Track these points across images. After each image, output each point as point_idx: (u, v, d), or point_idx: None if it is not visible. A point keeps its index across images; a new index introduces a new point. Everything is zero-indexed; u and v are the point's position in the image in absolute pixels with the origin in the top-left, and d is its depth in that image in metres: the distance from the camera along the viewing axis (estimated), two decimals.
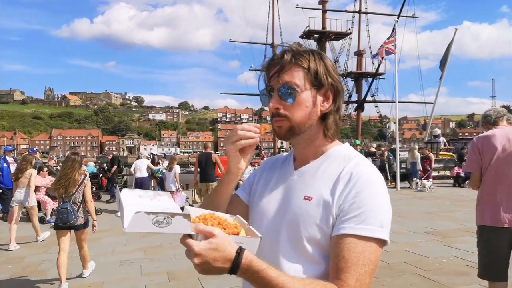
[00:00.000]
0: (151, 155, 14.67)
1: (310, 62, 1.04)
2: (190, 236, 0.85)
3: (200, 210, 1.01)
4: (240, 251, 0.85)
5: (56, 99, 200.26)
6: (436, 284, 4.40)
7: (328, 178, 1.04)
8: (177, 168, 10.43)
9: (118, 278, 5.06)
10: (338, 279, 0.92)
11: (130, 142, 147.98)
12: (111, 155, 15.11)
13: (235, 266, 0.84)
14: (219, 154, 13.92)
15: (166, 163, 12.78)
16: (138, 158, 11.45)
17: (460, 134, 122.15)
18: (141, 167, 10.54)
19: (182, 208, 0.98)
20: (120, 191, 1.00)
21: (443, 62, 17.68)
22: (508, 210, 2.93)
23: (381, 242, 0.96)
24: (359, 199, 0.96)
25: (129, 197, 0.99)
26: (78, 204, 4.75)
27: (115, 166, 12.99)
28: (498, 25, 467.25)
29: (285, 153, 1.28)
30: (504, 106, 3.30)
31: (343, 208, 0.97)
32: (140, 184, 10.26)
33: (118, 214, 1.07)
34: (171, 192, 9.45)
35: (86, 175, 5.24)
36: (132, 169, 10.91)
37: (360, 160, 1.06)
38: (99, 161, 20.42)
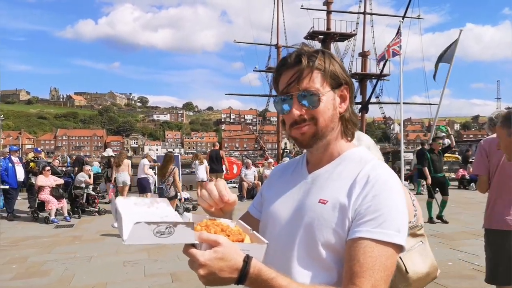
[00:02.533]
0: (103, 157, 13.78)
1: (326, 63, 1.02)
2: (193, 245, 0.81)
3: (200, 216, 0.97)
4: (247, 260, 0.81)
5: (61, 99, 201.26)
6: None
7: (343, 181, 1.01)
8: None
9: (121, 279, 5.04)
10: (352, 284, 0.88)
11: (134, 143, 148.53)
12: (74, 156, 14.05)
13: (243, 276, 0.81)
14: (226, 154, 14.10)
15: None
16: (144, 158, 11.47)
17: (465, 136, 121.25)
18: (139, 167, 10.57)
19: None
20: (115, 199, 0.94)
21: (441, 59, 17.39)
22: None
23: (398, 248, 0.92)
24: (376, 202, 0.94)
25: (125, 206, 0.92)
26: (170, 184, 8.43)
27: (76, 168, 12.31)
28: (500, 27, 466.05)
29: (294, 158, 1.25)
30: (508, 108, 3.25)
31: (359, 211, 0.94)
32: (139, 184, 10.14)
33: (115, 224, 0.99)
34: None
35: (174, 167, 8.56)
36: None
37: (377, 163, 1.03)
38: (104, 161, 20.36)
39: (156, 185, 10.42)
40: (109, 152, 13.98)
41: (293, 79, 1.01)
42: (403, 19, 16.24)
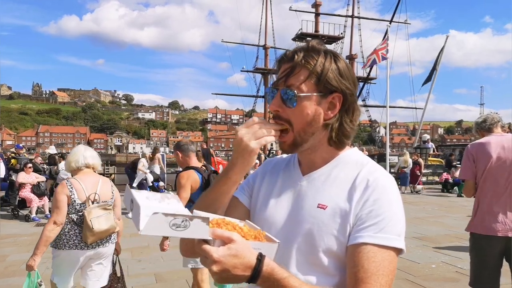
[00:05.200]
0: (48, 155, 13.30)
1: (320, 65, 0.98)
2: (205, 241, 0.80)
3: (209, 214, 0.93)
4: (261, 258, 0.81)
5: (44, 95, 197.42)
6: None
7: (342, 184, 0.99)
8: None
9: None
10: None
11: (118, 141, 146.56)
12: (49, 154, 13.56)
13: (256, 274, 0.80)
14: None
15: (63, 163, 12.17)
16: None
17: (448, 140, 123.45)
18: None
19: None
20: (131, 190, 0.92)
21: (434, 68, 17.82)
22: (501, 219, 2.92)
23: (398, 251, 0.93)
24: (377, 206, 0.93)
25: (139, 197, 0.91)
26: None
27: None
28: (482, 34, 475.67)
29: (285, 155, 1.19)
30: (486, 114, 3.28)
31: (360, 216, 0.93)
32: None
33: (129, 215, 0.97)
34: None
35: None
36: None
37: (374, 166, 1.02)
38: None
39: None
40: (52, 149, 13.88)
41: (284, 74, 1.00)
42: (390, 23, 16.46)
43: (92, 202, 3.02)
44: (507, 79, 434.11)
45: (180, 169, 3.75)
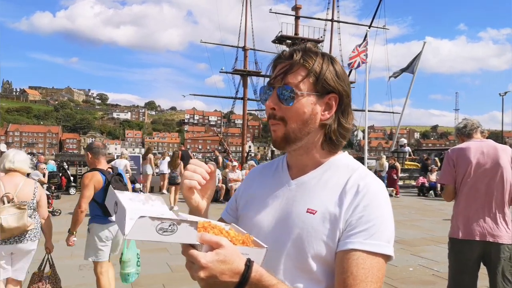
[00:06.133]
0: None
1: (318, 65, 0.98)
2: (192, 246, 0.77)
3: (195, 217, 0.90)
4: (249, 264, 0.79)
5: (14, 93, 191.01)
6: None
7: (332, 189, 0.98)
8: None
9: (77, 283, 4.81)
10: None
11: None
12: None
13: (244, 280, 0.78)
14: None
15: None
16: (117, 157, 11.12)
17: (424, 144, 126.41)
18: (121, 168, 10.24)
19: None
20: (114, 191, 0.90)
21: (406, 70, 18.02)
22: (479, 224, 2.96)
23: (387, 258, 0.92)
24: (367, 212, 0.92)
25: (123, 199, 0.87)
26: (179, 173, 10.42)
27: None
28: (457, 41, 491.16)
29: (273, 160, 1.20)
30: (465, 119, 3.34)
31: (350, 221, 0.92)
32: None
33: (113, 218, 0.90)
34: None
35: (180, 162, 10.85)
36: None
37: (364, 171, 1.02)
38: (58, 160, 19.43)
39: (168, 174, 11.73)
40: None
41: (281, 72, 0.99)
42: (369, 27, 16.73)
43: (9, 202, 3.29)
44: (480, 85, 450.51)
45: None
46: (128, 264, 3.78)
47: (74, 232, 3.79)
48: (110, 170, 3.86)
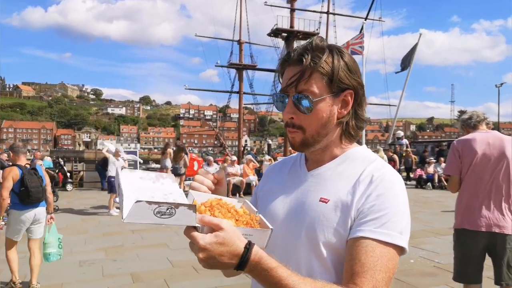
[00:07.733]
0: None
1: (330, 65, 0.96)
2: (195, 227, 0.79)
3: (206, 195, 0.94)
4: (249, 246, 0.80)
5: (7, 89, 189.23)
6: (405, 285, 4.43)
7: (346, 180, 0.98)
8: None
9: (78, 279, 4.76)
10: (353, 283, 0.86)
11: (87, 137, 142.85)
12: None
13: (243, 262, 0.80)
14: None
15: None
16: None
17: (420, 137, 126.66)
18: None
19: None
20: (120, 172, 0.91)
21: (404, 63, 18.04)
22: (485, 215, 2.96)
23: (400, 250, 0.91)
24: (380, 201, 0.92)
25: (129, 180, 0.90)
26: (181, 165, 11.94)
27: None
28: (450, 33, 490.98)
29: (291, 156, 1.20)
30: (461, 111, 3.34)
31: (362, 210, 0.92)
32: (109, 183, 9.69)
33: (117, 199, 0.91)
34: None
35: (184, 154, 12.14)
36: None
37: (381, 162, 1.02)
38: (54, 156, 19.22)
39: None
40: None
41: (293, 80, 0.97)
42: (365, 20, 16.67)
43: None
44: (474, 77, 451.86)
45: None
46: (49, 246, 4.43)
47: (1, 217, 4.55)
48: (27, 165, 4.61)
